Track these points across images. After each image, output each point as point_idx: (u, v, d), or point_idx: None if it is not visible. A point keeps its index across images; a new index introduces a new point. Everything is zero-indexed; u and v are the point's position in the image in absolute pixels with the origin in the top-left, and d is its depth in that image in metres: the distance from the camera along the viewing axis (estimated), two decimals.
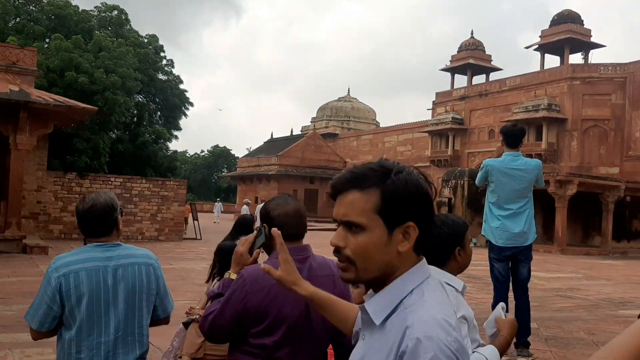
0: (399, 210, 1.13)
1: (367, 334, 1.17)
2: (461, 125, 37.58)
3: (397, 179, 1.15)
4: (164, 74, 28.54)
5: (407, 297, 1.13)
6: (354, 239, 1.14)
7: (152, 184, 18.94)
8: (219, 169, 74.91)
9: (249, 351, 1.95)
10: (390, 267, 1.15)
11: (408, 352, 1.03)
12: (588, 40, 33.97)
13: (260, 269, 1.86)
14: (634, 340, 0.89)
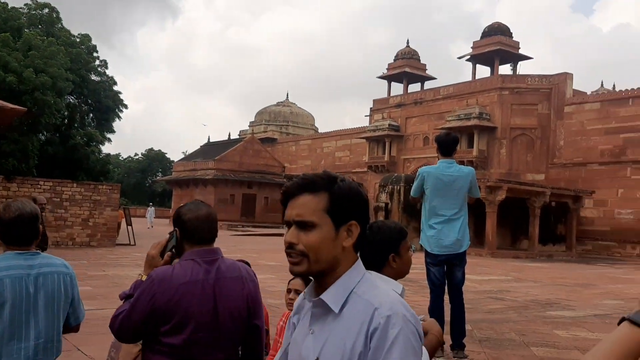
0: (344, 210, 1.32)
1: (318, 327, 1.31)
2: (397, 132, 38.37)
3: (342, 184, 1.34)
4: (97, 74, 27.73)
5: (356, 287, 1.30)
6: (306, 236, 1.30)
7: (83, 188, 18.32)
8: (153, 173, 73.25)
9: (161, 350, 2.02)
10: (336, 260, 1.31)
11: (380, 328, 1.20)
12: (516, 52, 35.48)
13: (169, 270, 2.04)
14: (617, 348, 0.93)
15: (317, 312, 1.32)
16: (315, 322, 1.32)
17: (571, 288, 12.62)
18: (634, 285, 14.12)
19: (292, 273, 1.36)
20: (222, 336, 2.08)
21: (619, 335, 0.95)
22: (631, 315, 0.96)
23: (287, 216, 1.34)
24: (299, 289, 3.09)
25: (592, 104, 29.26)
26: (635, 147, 27.07)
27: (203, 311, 2.03)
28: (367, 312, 1.24)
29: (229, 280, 2.13)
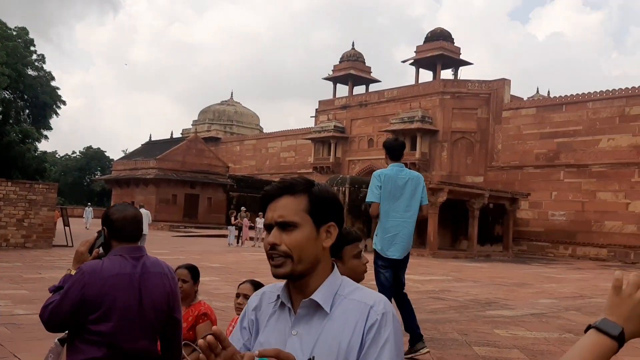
0: (324, 211, 1.36)
1: (303, 328, 1.33)
2: (343, 134, 38.71)
3: (320, 187, 1.39)
4: (34, 69, 26.72)
5: (339, 289, 1.36)
6: (288, 236, 1.33)
7: (18, 187, 17.58)
8: (91, 171, 70.99)
9: (89, 339, 2.18)
10: (317, 261, 1.35)
11: (376, 324, 1.27)
12: (458, 58, 36.45)
13: (99, 263, 2.24)
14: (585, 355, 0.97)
15: (303, 313, 1.34)
16: (298, 323, 1.34)
17: (509, 287, 13.06)
18: (567, 284, 14.76)
19: (275, 276, 1.35)
20: (145, 326, 2.28)
21: (586, 342, 0.98)
22: (597, 324, 1.00)
23: (268, 219, 1.36)
24: (247, 294, 3.11)
25: (528, 110, 30.44)
26: (568, 151, 28.32)
27: (129, 302, 2.22)
28: (361, 311, 1.30)
29: (153, 275, 2.33)
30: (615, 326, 0.98)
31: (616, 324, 0.98)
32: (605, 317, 1.00)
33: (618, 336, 0.97)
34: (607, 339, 0.97)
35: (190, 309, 3.54)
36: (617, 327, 0.98)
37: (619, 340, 0.97)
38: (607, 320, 0.99)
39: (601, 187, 26.96)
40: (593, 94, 28.02)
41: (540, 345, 6.64)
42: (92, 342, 2.17)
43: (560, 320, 8.68)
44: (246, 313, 1.48)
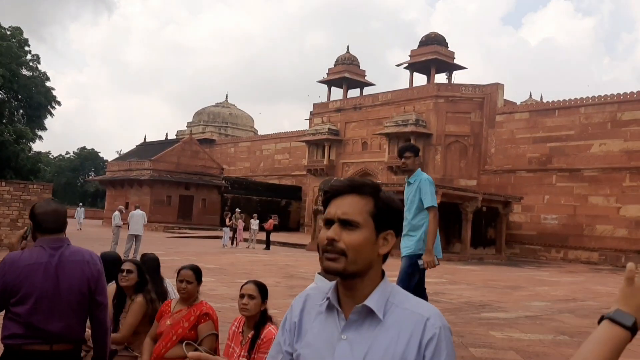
0: (386, 218, 1.36)
1: (354, 334, 1.33)
2: (337, 136, 38.81)
3: (387, 194, 1.39)
4: (29, 69, 26.67)
5: (391, 297, 1.35)
6: (348, 235, 1.32)
7: (12, 187, 17.54)
8: (85, 172, 70.86)
9: (12, 318, 2.55)
10: (370, 265, 1.35)
11: (435, 338, 1.28)
12: (452, 62, 36.64)
13: (19, 254, 2.60)
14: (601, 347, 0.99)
15: (354, 318, 1.33)
16: (349, 328, 1.33)
17: (502, 290, 13.17)
18: (559, 287, 14.89)
19: (326, 270, 1.37)
20: (62, 309, 2.60)
21: (600, 333, 1.01)
22: (611, 314, 1.02)
23: (331, 214, 1.35)
24: (252, 294, 3.12)
25: (522, 114, 30.65)
26: (560, 155, 28.54)
27: (45, 287, 2.55)
28: (417, 322, 1.30)
29: (72, 263, 2.66)
30: (629, 317, 1.00)
31: (629, 314, 1.01)
32: (619, 308, 1.02)
33: (631, 326, 1.00)
34: (621, 330, 1.00)
35: (192, 309, 3.56)
36: (630, 317, 1.00)
37: (632, 331, 1.00)
38: (620, 311, 1.01)
39: (593, 192, 27.18)
40: (585, 99, 28.25)
41: (536, 347, 6.74)
42: (14, 320, 2.54)
43: (554, 322, 8.79)
44: (289, 316, 1.47)
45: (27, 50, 26.90)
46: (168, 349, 3.45)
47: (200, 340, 3.45)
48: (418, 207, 5.60)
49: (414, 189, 5.64)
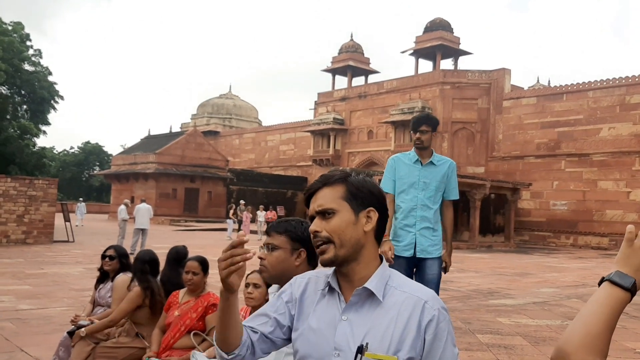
0: (360, 197, 1.44)
1: (354, 315, 1.40)
2: (342, 126, 38.62)
3: (356, 177, 1.48)
4: (31, 64, 26.57)
5: (390, 280, 1.43)
6: (327, 223, 1.42)
7: (18, 183, 17.52)
8: (90, 166, 70.99)
9: None
10: (359, 245, 1.42)
11: (435, 320, 1.36)
12: (457, 48, 36.33)
13: None
14: (600, 308, 1.00)
15: (355, 300, 1.41)
16: (350, 310, 1.41)
17: (511, 277, 13.06)
18: (569, 273, 14.75)
19: (321, 263, 1.46)
20: None
21: (600, 295, 1.02)
22: (610, 276, 1.03)
23: (310, 211, 1.47)
24: (257, 283, 3.05)
25: (529, 99, 30.34)
26: (569, 140, 28.26)
27: None
28: (416, 304, 1.38)
29: None
30: (628, 278, 1.02)
31: (628, 275, 1.02)
32: (618, 269, 1.04)
33: (630, 287, 1.01)
34: (620, 291, 1.01)
35: (200, 300, 3.61)
36: (629, 278, 1.02)
37: (631, 292, 1.02)
38: (619, 272, 1.03)
39: (602, 176, 26.93)
40: (593, 83, 27.93)
41: (543, 332, 6.67)
42: None
43: (562, 308, 8.69)
44: (288, 290, 1.55)
45: (29, 45, 26.81)
46: (177, 340, 3.51)
47: (208, 331, 3.50)
48: (441, 195, 4.54)
49: (440, 174, 4.48)
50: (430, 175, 4.42)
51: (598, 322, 0.99)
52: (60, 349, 4.07)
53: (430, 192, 4.40)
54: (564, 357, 0.98)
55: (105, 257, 4.32)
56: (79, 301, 7.40)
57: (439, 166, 4.46)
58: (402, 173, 4.45)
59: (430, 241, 4.42)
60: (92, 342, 3.73)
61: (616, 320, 1.02)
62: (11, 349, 4.97)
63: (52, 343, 4.49)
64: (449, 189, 4.50)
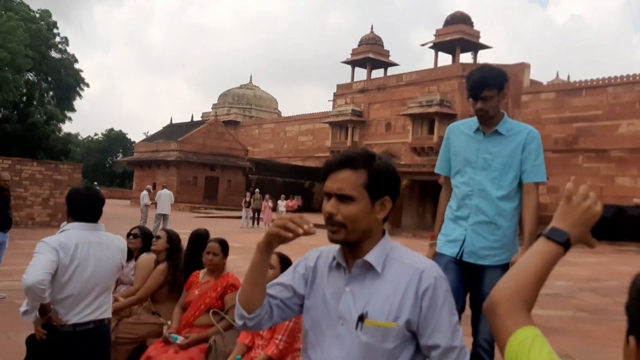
0: (380, 187, 1.47)
1: (357, 286, 1.48)
2: (360, 118, 38.72)
3: (380, 162, 1.49)
4: (58, 51, 27.11)
5: (390, 252, 1.50)
6: (345, 208, 1.44)
7: (44, 167, 18.03)
8: (113, 153, 71.89)
9: None
10: (369, 231, 1.48)
11: (431, 288, 1.42)
12: (477, 42, 36.15)
13: None
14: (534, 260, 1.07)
15: (356, 272, 1.48)
16: (352, 282, 1.48)
17: None
18: (582, 267, 14.77)
19: (330, 240, 1.48)
20: None
21: (536, 249, 1.08)
22: (546, 232, 1.08)
23: (328, 188, 1.47)
24: (272, 264, 3.22)
25: (548, 94, 30.19)
26: (587, 136, 28.11)
27: None
28: (413, 274, 1.45)
29: None
30: (562, 233, 1.07)
31: (563, 230, 1.07)
32: (554, 225, 1.09)
33: (564, 242, 1.06)
34: (555, 245, 1.06)
35: (219, 280, 3.74)
36: (564, 234, 1.07)
37: (565, 246, 1.07)
38: (555, 228, 1.08)
39: (620, 173, 26.77)
40: (613, 79, 27.69)
41: (554, 323, 6.78)
42: None
43: (574, 300, 8.78)
44: (303, 262, 1.62)
45: (55, 33, 27.35)
46: (196, 318, 3.63)
47: (226, 310, 3.62)
48: (514, 177, 3.12)
49: (509, 148, 3.11)
50: (494, 149, 3.12)
51: (528, 274, 1.04)
52: None
53: (494, 172, 3.10)
54: (493, 306, 1.03)
55: (130, 235, 4.50)
56: None
57: (509, 137, 3.11)
58: (457, 146, 3.25)
59: (486, 242, 3.10)
60: (115, 318, 3.86)
61: (547, 273, 1.06)
62: None
63: None
64: (529, 168, 3.11)
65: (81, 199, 2.83)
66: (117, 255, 2.91)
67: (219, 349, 3.38)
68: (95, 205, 2.84)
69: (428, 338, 1.42)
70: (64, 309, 2.70)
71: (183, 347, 3.42)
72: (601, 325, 6.79)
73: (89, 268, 2.74)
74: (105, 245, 2.84)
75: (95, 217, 2.85)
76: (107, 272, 2.84)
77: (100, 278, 2.79)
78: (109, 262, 2.85)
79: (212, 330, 3.53)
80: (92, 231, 2.81)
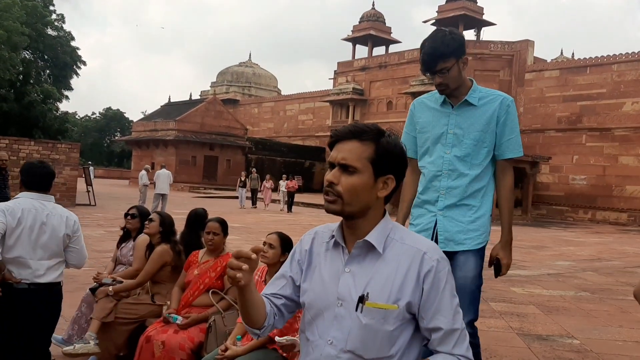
0: (386, 163, 1.44)
1: (356, 267, 1.46)
2: (361, 96, 38.41)
3: (389, 139, 1.46)
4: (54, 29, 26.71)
5: (391, 233, 1.47)
6: (346, 179, 1.42)
7: (41, 147, 17.85)
8: (111, 132, 71.70)
9: None
10: (367, 207, 1.45)
11: (433, 270, 1.41)
12: (480, 18, 35.69)
13: None
14: None
15: (356, 252, 1.46)
16: (352, 262, 1.46)
17: (526, 250, 13.09)
18: (586, 247, 14.74)
19: (326, 210, 1.46)
20: None
21: None
22: None
23: (333, 158, 1.45)
24: (273, 243, 3.20)
25: (552, 72, 29.85)
26: (591, 114, 27.85)
27: None
28: (415, 255, 1.43)
29: None
30: None
31: None
32: None
33: None
34: None
35: (219, 260, 3.71)
36: None
37: None
38: None
39: (623, 151, 26.59)
40: (618, 56, 27.36)
41: (556, 302, 6.75)
42: None
43: (576, 280, 8.76)
44: (298, 248, 1.60)
45: (51, 10, 26.93)
46: (196, 297, 3.63)
47: (226, 290, 3.63)
48: (487, 152, 2.76)
49: (483, 119, 2.72)
50: (465, 122, 2.72)
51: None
52: (83, 305, 4.26)
53: (465, 148, 2.72)
54: None
55: (128, 215, 4.48)
56: (100, 262, 7.61)
57: (480, 107, 2.71)
58: (424, 123, 2.83)
59: (461, 224, 2.77)
60: (114, 299, 3.88)
61: None
62: None
63: (75, 300, 4.65)
64: (504, 142, 2.75)
65: (33, 170, 3.10)
66: (62, 224, 3.11)
67: (218, 329, 3.38)
68: (45, 177, 3.12)
69: (429, 321, 1.42)
70: (16, 269, 2.97)
71: (183, 327, 3.41)
72: (603, 305, 6.78)
73: (34, 233, 3.00)
74: (50, 214, 3.07)
75: (45, 187, 3.13)
76: (53, 239, 3.07)
77: (46, 243, 3.04)
78: (54, 229, 3.07)
79: (212, 310, 3.53)
80: (41, 200, 3.08)
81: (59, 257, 3.15)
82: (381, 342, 1.41)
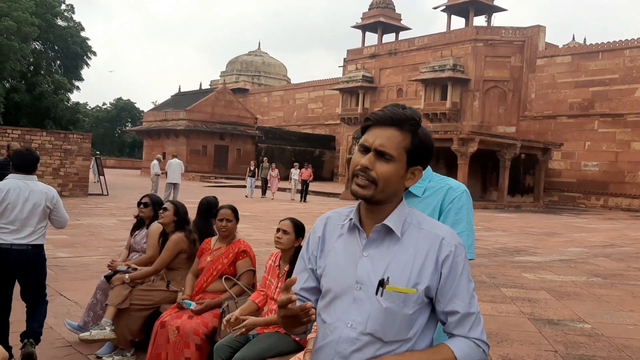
0: (419, 154, 1.45)
1: (374, 251, 1.46)
2: (371, 84, 38.23)
3: (425, 131, 1.47)
4: (64, 19, 26.77)
5: (408, 217, 1.48)
6: (381, 166, 1.42)
7: (53, 137, 17.95)
8: (122, 122, 71.91)
9: None
10: (395, 195, 1.47)
11: (452, 255, 1.42)
12: (491, 4, 35.32)
13: None
14: None
15: (374, 236, 1.46)
16: (370, 246, 1.46)
17: (538, 236, 13.07)
18: (597, 234, 14.67)
19: (354, 194, 1.44)
20: None
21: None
22: None
23: (369, 142, 1.43)
24: (286, 229, 3.25)
25: (564, 57, 29.54)
26: (603, 100, 27.58)
27: None
28: (433, 240, 1.44)
29: None
30: None
31: None
32: None
33: None
34: None
35: (231, 246, 3.78)
36: None
37: None
38: None
39: (636, 137, 26.33)
40: (630, 42, 27.01)
41: (568, 288, 6.76)
42: None
43: (588, 265, 8.74)
44: (312, 236, 1.60)
45: (61, 1, 26.96)
46: (209, 284, 3.72)
47: (239, 276, 3.71)
48: None
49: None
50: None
51: None
52: (98, 292, 4.33)
53: None
54: None
55: (141, 204, 4.54)
56: (114, 250, 7.71)
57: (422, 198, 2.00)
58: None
59: None
60: (129, 285, 3.96)
61: None
62: (51, 293, 5.27)
63: (89, 288, 4.72)
64: None
65: (19, 155, 3.80)
66: (42, 197, 3.77)
67: None
68: (29, 161, 3.78)
69: (446, 304, 1.44)
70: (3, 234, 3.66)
71: (197, 312, 3.48)
72: (615, 290, 6.78)
73: (17, 207, 3.68)
74: (32, 191, 3.73)
75: (30, 170, 3.78)
76: (36, 209, 3.74)
77: (29, 213, 3.71)
78: (35, 203, 3.73)
79: (225, 296, 3.60)
80: (24, 180, 3.73)
81: (40, 224, 3.80)
82: (400, 325, 1.43)
